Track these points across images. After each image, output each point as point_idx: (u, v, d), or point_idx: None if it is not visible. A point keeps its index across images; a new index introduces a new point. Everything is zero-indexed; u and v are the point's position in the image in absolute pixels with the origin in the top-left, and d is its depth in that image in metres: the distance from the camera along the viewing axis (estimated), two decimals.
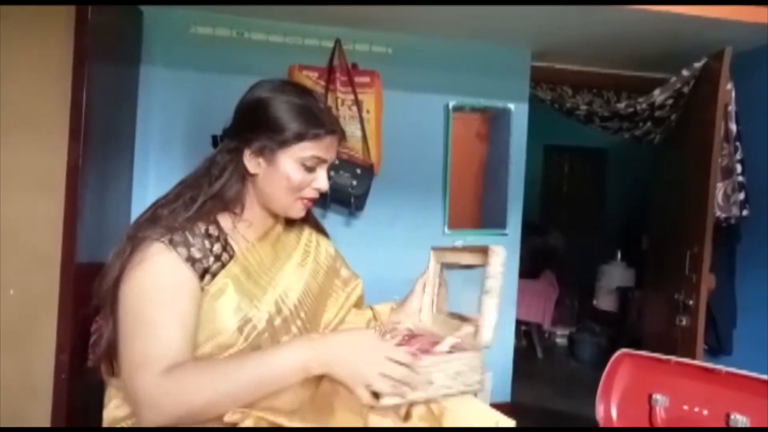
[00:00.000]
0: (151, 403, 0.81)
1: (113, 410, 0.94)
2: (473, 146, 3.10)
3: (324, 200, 2.44)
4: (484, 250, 0.96)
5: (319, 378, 0.89)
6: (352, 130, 2.56)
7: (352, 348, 0.85)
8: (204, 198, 0.94)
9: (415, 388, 0.84)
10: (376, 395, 0.82)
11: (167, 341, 0.84)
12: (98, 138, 1.90)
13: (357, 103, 2.56)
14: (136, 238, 0.89)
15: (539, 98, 3.23)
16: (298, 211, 1.01)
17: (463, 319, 1.05)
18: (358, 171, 2.47)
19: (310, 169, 0.97)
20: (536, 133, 3.10)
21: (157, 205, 0.95)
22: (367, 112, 2.60)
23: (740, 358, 2.71)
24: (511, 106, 2.91)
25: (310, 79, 2.52)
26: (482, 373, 0.88)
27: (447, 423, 0.88)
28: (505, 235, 2.95)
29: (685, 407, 1.13)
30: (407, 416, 0.87)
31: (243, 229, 1.00)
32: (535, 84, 3.12)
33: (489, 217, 3.05)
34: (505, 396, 2.94)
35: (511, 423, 0.93)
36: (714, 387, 1.09)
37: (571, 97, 3.29)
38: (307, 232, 1.13)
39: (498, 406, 0.96)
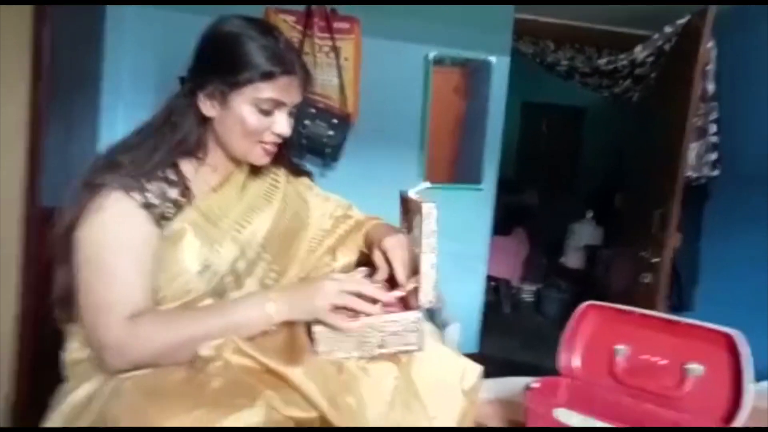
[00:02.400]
0: (116, 348, 0.81)
1: (75, 352, 0.91)
2: (452, 100, 3.06)
3: (299, 150, 2.40)
4: (419, 208, 0.93)
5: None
6: (329, 77, 2.49)
7: (306, 291, 0.87)
8: (166, 146, 0.90)
9: (349, 349, 0.86)
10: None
11: (129, 288, 0.83)
12: (62, 79, 1.81)
13: (335, 49, 2.48)
14: (93, 185, 0.85)
15: (521, 52, 3.19)
16: (258, 157, 0.97)
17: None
18: (335, 121, 2.42)
19: (267, 113, 0.92)
20: (515, 90, 3.07)
21: (116, 151, 0.90)
22: (345, 59, 2.52)
23: (702, 314, 2.77)
24: (492, 59, 2.86)
25: (286, 22, 2.42)
26: (419, 331, 0.88)
27: (414, 369, 0.89)
28: (480, 190, 2.96)
29: (645, 357, 1.17)
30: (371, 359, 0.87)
31: (206, 174, 0.97)
32: (517, 37, 3.07)
33: (465, 172, 3.04)
34: (473, 348, 3.03)
35: (477, 368, 0.95)
36: (673, 338, 1.14)
37: (553, 51, 3.26)
38: (275, 172, 1.09)
39: (466, 357, 0.98)
